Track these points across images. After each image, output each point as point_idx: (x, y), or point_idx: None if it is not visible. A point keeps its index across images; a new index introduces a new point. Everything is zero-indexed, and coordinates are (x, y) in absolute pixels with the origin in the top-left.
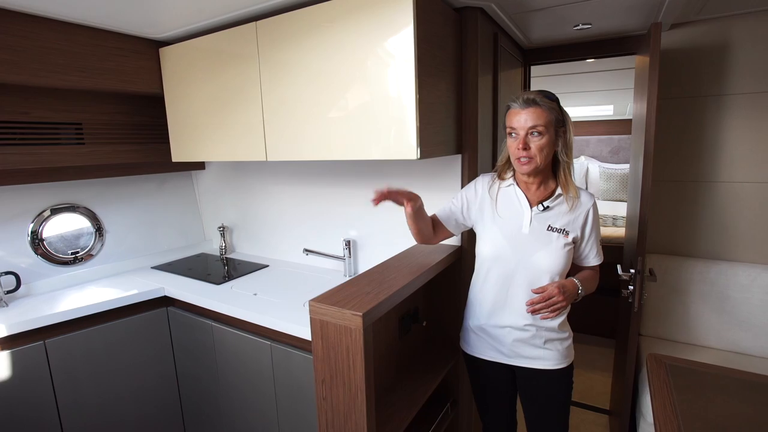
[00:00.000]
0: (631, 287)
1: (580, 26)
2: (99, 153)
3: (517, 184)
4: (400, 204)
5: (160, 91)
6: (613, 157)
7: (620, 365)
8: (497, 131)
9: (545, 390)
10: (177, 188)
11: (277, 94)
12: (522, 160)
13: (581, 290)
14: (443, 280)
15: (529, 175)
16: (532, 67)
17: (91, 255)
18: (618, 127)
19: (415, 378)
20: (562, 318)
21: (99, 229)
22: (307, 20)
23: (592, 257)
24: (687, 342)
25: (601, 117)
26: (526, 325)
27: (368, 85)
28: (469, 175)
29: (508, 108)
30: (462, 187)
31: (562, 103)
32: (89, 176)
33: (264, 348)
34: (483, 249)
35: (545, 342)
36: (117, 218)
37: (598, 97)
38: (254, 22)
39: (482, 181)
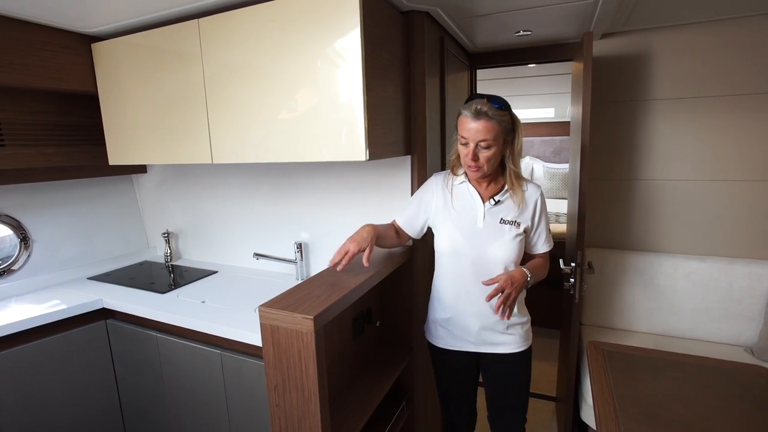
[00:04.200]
0: (572, 280)
1: (521, 33)
2: (21, 156)
3: (469, 181)
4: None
5: (94, 90)
6: (556, 157)
7: (564, 354)
8: (445, 133)
9: (508, 372)
10: (116, 193)
11: (223, 95)
12: (471, 167)
13: (530, 278)
14: (395, 279)
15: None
16: (478, 71)
17: (15, 268)
18: (559, 128)
19: (369, 378)
20: (520, 303)
21: (25, 239)
22: (253, 19)
23: (541, 244)
24: (623, 328)
25: (543, 119)
26: (489, 313)
27: (317, 87)
28: (419, 175)
29: (459, 113)
30: (412, 187)
31: (472, 102)
32: (11, 181)
33: (214, 357)
34: (441, 245)
35: (508, 327)
36: (46, 226)
37: (540, 101)
38: (196, 20)
39: (436, 180)
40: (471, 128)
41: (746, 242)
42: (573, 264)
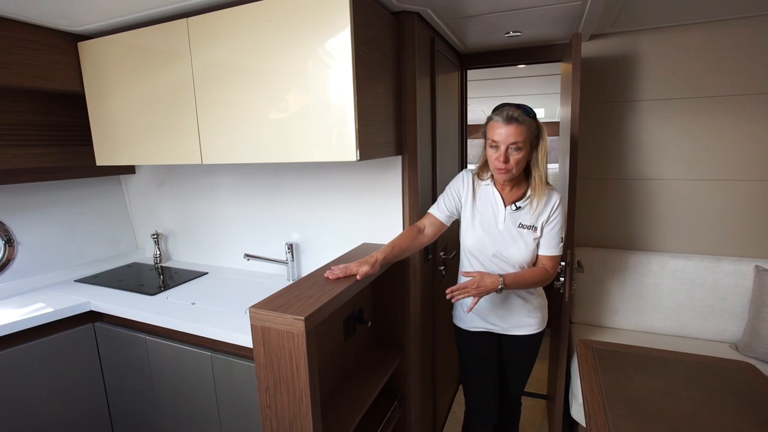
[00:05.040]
0: (562, 279)
1: (511, 33)
2: (6, 156)
3: (494, 184)
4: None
5: (81, 89)
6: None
7: (555, 352)
8: (436, 133)
9: (525, 351)
10: (104, 194)
11: (212, 95)
12: (500, 169)
13: (501, 287)
14: (387, 279)
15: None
16: (468, 71)
17: None
18: (549, 128)
19: (361, 379)
20: (539, 291)
21: (9, 241)
22: (243, 19)
23: (543, 247)
24: (612, 326)
25: None
26: (511, 299)
27: (307, 87)
28: (410, 175)
29: (490, 120)
30: (403, 187)
31: (502, 108)
32: None
33: (204, 359)
34: (466, 240)
35: (530, 311)
36: (32, 228)
37: (530, 101)
38: (185, 19)
39: (466, 175)
40: (502, 132)
41: (732, 240)
42: (563, 263)
